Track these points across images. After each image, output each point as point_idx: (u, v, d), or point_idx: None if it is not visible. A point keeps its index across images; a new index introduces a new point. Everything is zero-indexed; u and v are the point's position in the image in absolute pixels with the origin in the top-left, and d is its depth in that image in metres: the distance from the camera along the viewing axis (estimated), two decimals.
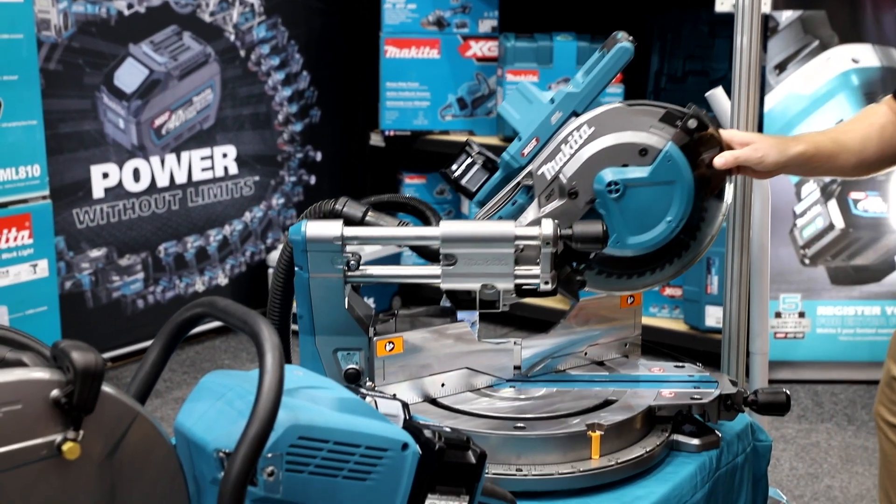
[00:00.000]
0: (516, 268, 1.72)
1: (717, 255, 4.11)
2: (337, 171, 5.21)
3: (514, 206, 1.85)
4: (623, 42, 1.83)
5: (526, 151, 1.84)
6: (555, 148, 1.82)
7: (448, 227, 1.72)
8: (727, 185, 1.88)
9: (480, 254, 1.71)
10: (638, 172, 1.80)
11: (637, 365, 2.01)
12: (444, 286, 1.74)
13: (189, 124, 4.56)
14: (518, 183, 1.84)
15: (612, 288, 1.95)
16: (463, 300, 1.77)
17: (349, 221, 1.79)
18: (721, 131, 1.87)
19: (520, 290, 1.74)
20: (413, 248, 1.85)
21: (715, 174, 1.86)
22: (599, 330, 2.00)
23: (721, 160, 1.84)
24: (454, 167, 1.89)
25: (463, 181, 1.89)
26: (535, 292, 1.74)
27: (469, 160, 1.89)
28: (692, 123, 1.81)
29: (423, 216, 1.89)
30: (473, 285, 1.73)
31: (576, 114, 1.84)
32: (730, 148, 1.87)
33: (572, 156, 1.81)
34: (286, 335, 1.85)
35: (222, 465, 1.12)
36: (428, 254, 1.82)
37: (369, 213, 1.81)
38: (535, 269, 1.72)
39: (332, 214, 1.80)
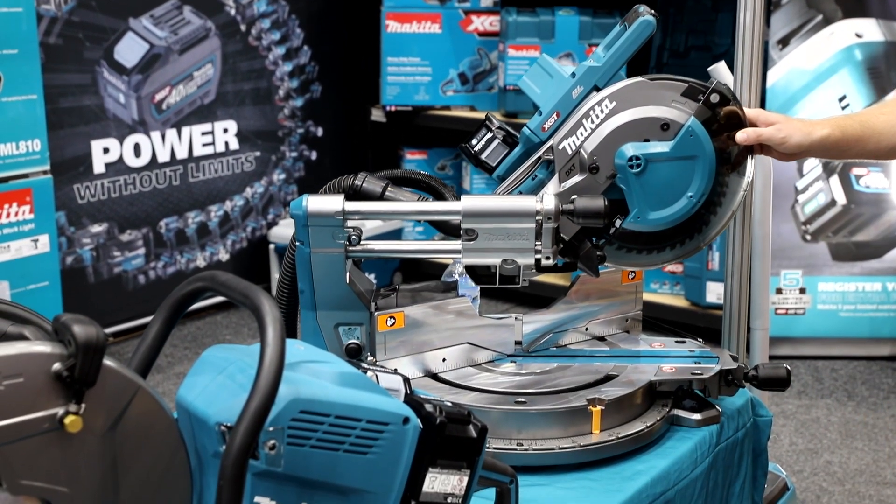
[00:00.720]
0: (536, 243, 1.72)
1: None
2: (338, 146, 5.20)
3: (534, 181, 1.84)
4: (645, 16, 1.81)
5: (547, 126, 1.83)
6: (576, 123, 1.81)
7: (470, 201, 1.72)
8: (749, 160, 1.87)
9: (501, 229, 1.71)
10: (659, 147, 1.79)
11: (638, 340, 2.01)
12: (465, 261, 1.73)
13: (189, 99, 4.55)
14: (539, 158, 1.83)
15: (632, 263, 1.94)
16: (482, 275, 1.77)
17: (369, 197, 1.79)
18: (746, 110, 1.86)
19: (540, 265, 1.74)
20: (432, 223, 1.85)
21: (737, 150, 1.85)
22: (600, 305, 2.01)
23: (743, 136, 1.82)
24: (474, 142, 1.88)
25: (483, 156, 1.88)
26: (554, 268, 1.75)
27: (489, 135, 1.88)
28: (715, 98, 1.80)
29: (437, 193, 1.89)
30: (494, 260, 1.73)
31: (597, 88, 1.83)
32: (753, 125, 1.86)
33: (593, 130, 1.80)
34: (294, 311, 1.85)
35: (224, 439, 1.12)
36: (447, 229, 1.82)
37: (389, 188, 1.80)
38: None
39: (352, 190, 1.79)
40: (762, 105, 3.62)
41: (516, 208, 1.71)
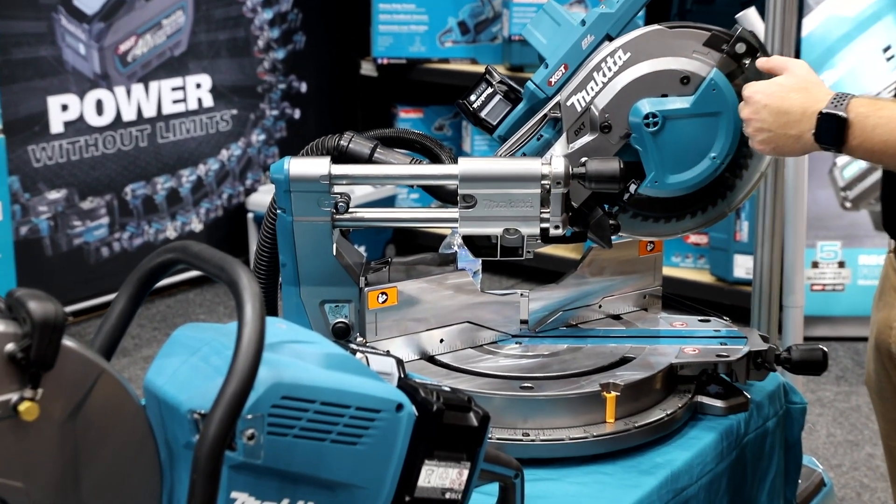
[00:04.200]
0: (542, 210, 1.72)
1: (749, 199, 4.10)
2: (324, 103, 5.19)
3: (539, 142, 1.84)
4: None
5: (553, 80, 1.83)
6: (586, 76, 1.81)
7: (467, 164, 1.72)
8: None
9: (503, 195, 1.71)
10: (679, 103, 1.79)
11: (657, 319, 2.02)
12: (462, 231, 1.74)
13: (158, 50, 4.53)
14: (544, 115, 1.83)
15: (649, 233, 1.95)
16: (482, 247, 1.77)
17: (356, 159, 1.79)
18: (774, 59, 1.82)
19: (546, 236, 1.74)
20: (426, 189, 1.85)
21: None
22: (615, 280, 2.01)
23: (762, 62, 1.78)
24: (473, 98, 1.88)
25: (482, 113, 1.88)
26: (562, 238, 1.75)
27: (489, 90, 1.88)
28: (740, 48, 1.80)
29: (432, 155, 1.88)
30: (495, 230, 1.73)
31: (609, 37, 1.82)
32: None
33: (605, 85, 1.80)
34: (274, 287, 1.86)
35: (197, 428, 1.13)
36: (443, 195, 1.82)
37: (378, 150, 1.80)
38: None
39: (337, 151, 1.79)
40: (797, 56, 3.61)
41: (519, 172, 1.71)
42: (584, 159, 1.73)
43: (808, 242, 4.10)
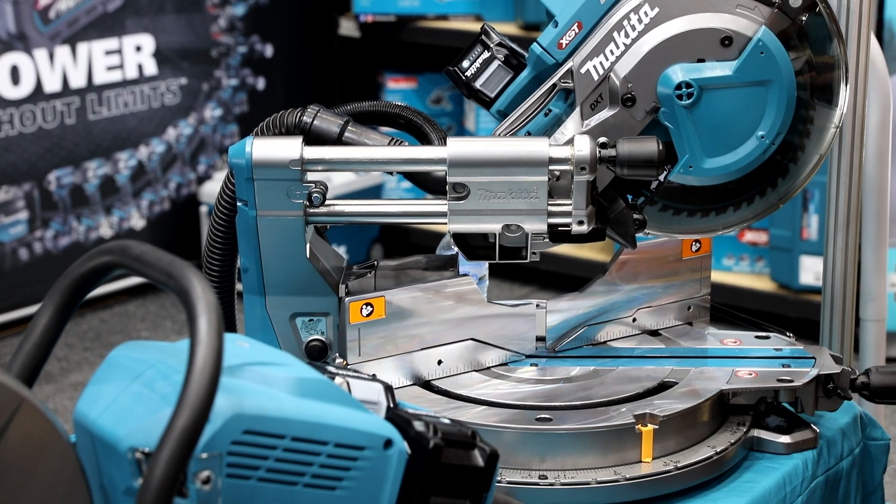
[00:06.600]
0: (550, 202, 1.73)
1: (818, 187, 4.11)
2: (294, 71, 5.20)
3: (547, 118, 1.85)
4: None
5: (564, 42, 1.84)
6: (604, 37, 1.82)
7: (458, 146, 1.73)
8: (842, 85, 1.88)
9: (502, 183, 1.72)
10: (719, 70, 1.80)
11: (704, 335, 2.02)
12: (452, 227, 1.74)
13: (88, 4, 4.54)
14: (553, 86, 1.84)
15: (684, 229, 1.95)
16: (477, 247, 1.77)
17: (322, 139, 1.80)
18: None
19: (555, 234, 1.75)
20: (408, 176, 1.86)
21: (825, 72, 1.86)
22: (653, 288, 2.02)
23: None
24: (466, 64, 1.89)
25: (478, 83, 1.89)
26: (573, 237, 1.75)
27: (486, 54, 1.89)
28: (796, 0, 1.81)
29: (420, 132, 1.89)
30: (492, 226, 1.74)
31: None
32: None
33: (628, 47, 1.81)
34: (229, 296, 1.86)
35: (140, 470, 1.13)
36: (429, 183, 1.83)
37: (349, 128, 1.81)
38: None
39: (298, 129, 1.80)
40: (879, 13, 3.61)
41: (522, 155, 1.72)
42: (601, 139, 1.73)
43: (891, 241, 4.10)
